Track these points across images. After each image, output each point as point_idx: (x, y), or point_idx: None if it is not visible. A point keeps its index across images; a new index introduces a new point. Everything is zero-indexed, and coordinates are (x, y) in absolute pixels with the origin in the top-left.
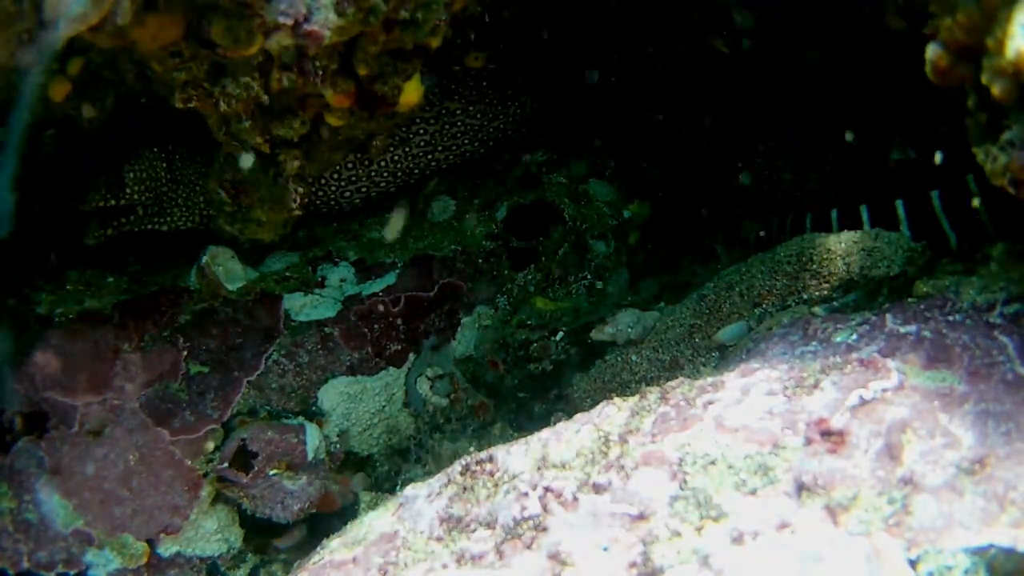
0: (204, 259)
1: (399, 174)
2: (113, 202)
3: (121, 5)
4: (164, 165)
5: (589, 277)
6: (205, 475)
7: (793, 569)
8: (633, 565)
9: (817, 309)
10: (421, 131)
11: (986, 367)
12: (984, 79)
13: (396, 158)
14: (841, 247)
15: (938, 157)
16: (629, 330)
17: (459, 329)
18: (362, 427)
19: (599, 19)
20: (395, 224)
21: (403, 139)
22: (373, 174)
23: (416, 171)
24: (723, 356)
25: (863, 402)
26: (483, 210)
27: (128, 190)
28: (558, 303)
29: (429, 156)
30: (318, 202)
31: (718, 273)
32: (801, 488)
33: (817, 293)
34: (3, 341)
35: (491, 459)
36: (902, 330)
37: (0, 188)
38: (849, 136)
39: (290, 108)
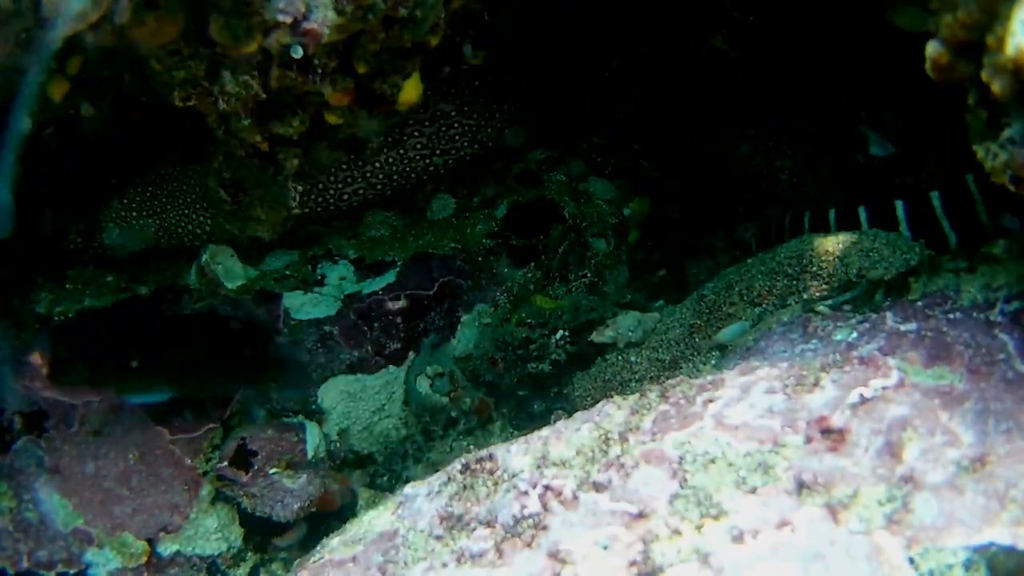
0: (204, 257)
1: (395, 176)
2: (84, 246)
3: (120, 3)
4: (140, 211)
5: (589, 275)
6: (205, 474)
7: (793, 567)
8: (633, 564)
9: (818, 307)
10: (416, 133)
11: (986, 365)
12: (984, 76)
13: (391, 159)
14: (840, 248)
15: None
16: (630, 333)
17: (459, 327)
18: (362, 425)
19: (598, 16)
20: None
21: (396, 141)
22: (368, 175)
23: (413, 174)
24: (723, 355)
25: (863, 400)
26: (483, 208)
27: (101, 236)
28: (558, 301)
29: (426, 160)
30: (316, 205)
31: (718, 273)
32: (801, 486)
33: (817, 294)
34: (3, 340)
35: (491, 457)
36: (902, 328)
37: (0, 188)
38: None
39: (289, 106)
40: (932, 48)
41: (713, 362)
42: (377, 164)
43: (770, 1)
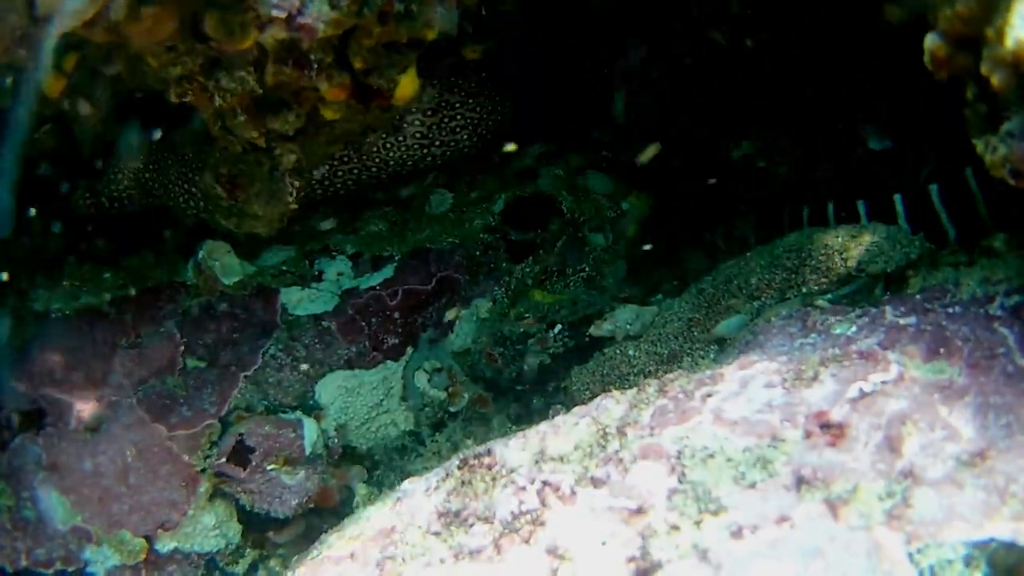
0: (201, 254)
1: (391, 163)
2: (94, 200)
3: (115, 0)
4: (146, 159)
5: (587, 269)
6: (203, 470)
7: (792, 563)
8: (632, 559)
9: (817, 301)
10: (417, 122)
11: (986, 359)
12: (984, 69)
13: (388, 144)
14: (839, 242)
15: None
16: (628, 327)
17: (457, 322)
18: (360, 421)
19: (597, 13)
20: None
21: (396, 127)
22: (364, 158)
23: (410, 162)
24: (722, 349)
25: (863, 394)
26: (481, 203)
27: (111, 187)
28: (556, 296)
29: (425, 150)
30: (315, 185)
31: (717, 267)
32: (800, 481)
33: (816, 288)
34: (1, 338)
35: (489, 453)
36: (902, 322)
37: (0, 188)
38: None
39: (285, 102)
40: (931, 41)
41: (712, 356)
42: (375, 149)
43: None
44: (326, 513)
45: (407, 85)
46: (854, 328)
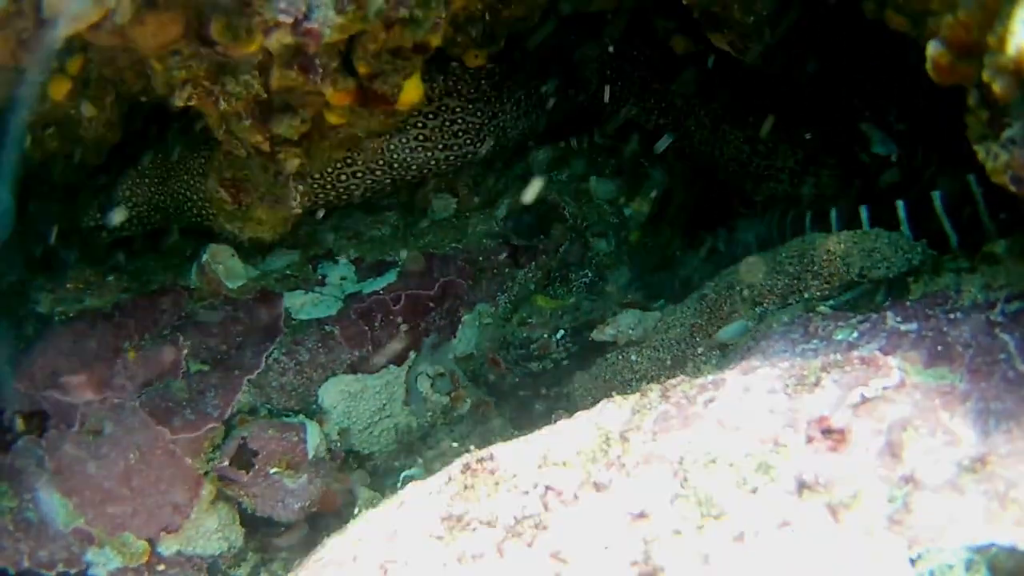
0: (205, 257)
1: (395, 165)
2: (102, 223)
3: (121, 4)
4: (154, 175)
5: (590, 275)
6: (206, 474)
7: (794, 568)
8: (634, 564)
9: (819, 307)
10: (420, 124)
11: (987, 365)
12: (985, 77)
13: (392, 146)
14: (841, 248)
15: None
16: (630, 331)
17: (460, 327)
18: (363, 425)
19: (599, 17)
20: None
21: (400, 129)
22: (368, 158)
23: (414, 165)
24: (724, 355)
25: (864, 400)
26: (484, 208)
27: (120, 206)
28: (559, 301)
29: (428, 154)
30: (316, 188)
31: (719, 272)
32: (802, 486)
33: (818, 293)
34: (3, 340)
35: (492, 457)
36: (903, 328)
37: (0, 188)
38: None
39: (290, 106)
40: (933, 48)
41: (714, 361)
42: (378, 153)
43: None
44: (329, 517)
45: (412, 90)
46: (856, 334)
